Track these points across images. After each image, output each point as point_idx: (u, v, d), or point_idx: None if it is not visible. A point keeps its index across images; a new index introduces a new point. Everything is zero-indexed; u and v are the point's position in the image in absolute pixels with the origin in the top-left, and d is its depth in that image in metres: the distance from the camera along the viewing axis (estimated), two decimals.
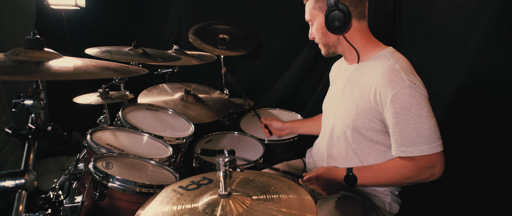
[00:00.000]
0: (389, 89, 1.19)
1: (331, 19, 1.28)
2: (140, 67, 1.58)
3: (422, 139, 1.17)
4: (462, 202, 1.87)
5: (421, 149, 1.18)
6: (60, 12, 2.59)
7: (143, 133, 1.77)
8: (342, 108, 1.38)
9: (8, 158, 2.54)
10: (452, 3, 1.80)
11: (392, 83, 1.19)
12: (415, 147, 1.18)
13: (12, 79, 1.10)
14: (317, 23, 1.36)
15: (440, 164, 1.20)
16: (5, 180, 0.82)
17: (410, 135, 1.18)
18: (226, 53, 2.57)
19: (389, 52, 1.30)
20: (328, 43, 1.39)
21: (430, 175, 1.21)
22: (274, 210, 0.88)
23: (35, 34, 0.98)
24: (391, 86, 1.19)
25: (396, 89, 1.18)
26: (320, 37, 1.39)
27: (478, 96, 1.71)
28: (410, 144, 1.19)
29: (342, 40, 1.35)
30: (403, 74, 1.20)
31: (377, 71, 1.25)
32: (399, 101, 1.18)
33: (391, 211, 1.40)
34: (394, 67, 1.22)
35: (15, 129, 0.92)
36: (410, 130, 1.18)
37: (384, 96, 1.20)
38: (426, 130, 1.17)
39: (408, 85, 1.17)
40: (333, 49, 1.40)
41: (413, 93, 1.17)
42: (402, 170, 1.23)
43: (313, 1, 1.35)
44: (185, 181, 1.08)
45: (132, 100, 2.13)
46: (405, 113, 1.18)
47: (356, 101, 1.31)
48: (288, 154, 2.12)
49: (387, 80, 1.20)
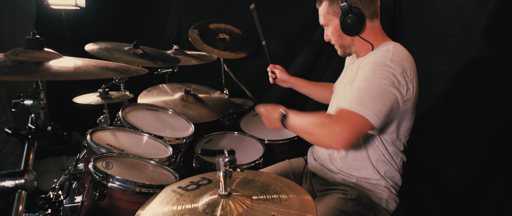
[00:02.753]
0: (369, 59, 1.26)
1: (346, 23, 1.31)
2: (140, 67, 1.59)
3: (355, 98, 1.14)
4: (462, 201, 1.87)
5: (349, 104, 1.13)
6: (60, 12, 2.60)
7: (143, 133, 1.77)
8: (342, 98, 1.42)
9: (8, 158, 2.54)
10: (452, 3, 1.80)
11: (374, 61, 1.23)
12: (346, 103, 1.15)
13: (12, 79, 1.10)
14: (332, 27, 1.39)
15: (351, 129, 1.09)
16: (5, 180, 0.82)
17: (353, 91, 1.19)
18: (225, 54, 2.56)
19: (392, 45, 1.31)
20: (344, 45, 1.42)
21: (330, 129, 1.10)
22: (274, 210, 0.88)
23: (35, 34, 0.98)
24: (372, 59, 1.25)
25: (373, 59, 1.23)
26: (336, 39, 1.42)
27: (478, 96, 1.71)
28: (347, 97, 1.18)
29: (356, 40, 1.39)
30: (389, 57, 1.21)
31: (370, 60, 1.27)
32: (368, 65, 1.22)
33: (387, 208, 1.40)
34: (387, 55, 1.23)
35: (15, 129, 0.92)
36: (355, 89, 1.18)
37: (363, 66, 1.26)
38: (366, 92, 1.14)
39: (383, 62, 1.20)
40: (348, 50, 1.43)
41: (383, 64, 1.19)
42: (320, 115, 1.18)
43: (326, 6, 1.37)
44: (184, 181, 1.08)
45: (132, 100, 2.13)
46: (362, 71, 1.23)
47: (350, 86, 1.35)
48: (288, 154, 2.12)
49: (372, 60, 1.24)
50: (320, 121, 1.16)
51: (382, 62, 1.20)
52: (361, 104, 1.12)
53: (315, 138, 1.18)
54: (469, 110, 1.78)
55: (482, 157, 1.73)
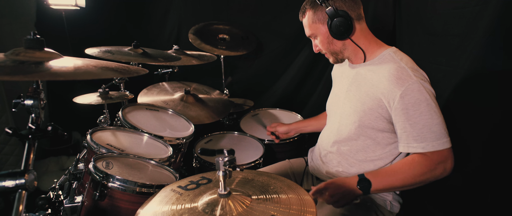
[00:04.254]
0: (397, 86, 1.21)
1: (335, 26, 1.28)
2: (140, 67, 1.59)
3: (433, 134, 1.19)
4: (462, 202, 1.87)
5: (433, 144, 1.19)
6: (60, 12, 2.59)
7: (143, 133, 1.77)
8: (348, 106, 1.39)
9: (8, 158, 2.55)
10: (452, 3, 1.80)
11: (400, 80, 1.21)
12: (427, 143, 1.20)
13: (12, 79, 1.10)
14: (321, 35, 1.36)
15: (451, 159, 1.22)
16: (5, 180, 0.82)
17: (421, 130, 1.19)
18: (225, 53, 2.57)
19: (393, 52, 1.32)
20: (335, 51, 1.39)
21: (443, 170, 1.22)
22: (273, 209, 0.88)
23: (35, 34, 0.98)
24: (399, 83, 1.21)
25: (405, 86, 1.20)
26: (326, 47, 1.39)
27: (478, 96, 1.71)
28: (421, 140, 1.20)
29: (347, 45, 1.36)
30: (410, 71, 1.22)
31: (384, 70, 1.27)
32: (408, 97, 1.19)
33: (392, 210, 1.40)
34: (400, 65, 1.25)
35: (15, 129, 0.92)
36: (421, 126, 1.19)
37: (392, 94, 1.22)
38: (436, 125, 1.19)
39: (416, 81, 1.20)
40: (341, 56, 1.40)
41: (421, 89, 1.19)
42: (417, 167, 1.22)
43: (311, 15, 1.35)
44: (183, 181, 1.08)
45: (132, 100, 2.13)
46: (415, 108, 1.19)
47: (363, 99, 1.32)
48: (289, 154, 2.12)
49: (395, 77, 1.22)
50: (420, 171, 1.22)
51: (422, 84, 1.20)
52: (439, 138, 1.19)
53: (421, 185, 1.26)
54: (469, 110, 1.78)
55: (481, 157, 1.73)
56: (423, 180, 1.23)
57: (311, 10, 1.34)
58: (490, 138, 1.68)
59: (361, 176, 1.26)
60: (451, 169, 1.23)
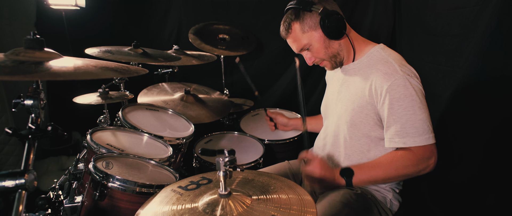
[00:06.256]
0: (384, 81, 1.22)
1: (332, 24, 1.27)
2: (140, 67, 1.59)
3: (415, 130, 1.20)
4: (462, 201, 1.87)
5: (414, 140, 1.21)
6: (60, 12, 2.59)
7: (143, 133, 1.77)
8: (340, 106, 1.41)
9: (8, 158, 2.55)
10: (452, 3, 1.80)
11: (387, 75, 1.23)
12: (409, 138, 1.21)
13: (12, 79, 1.10)
14: (315, 41, 1.33)
15: (435, 156, 1.24)
16: (5, 180, 0.82)
17: (404, 125, 1.21)
18: (225, 53, 2.57)
19: (381, 48, 1.34)
20: (333, 53, 1.36)
21: (426, 166, 1.24)
22: (274, 210, 0.88)
23: (35, 34, 0.98)
24: (385, 78, 1.23)
25: (391, 81, 1.21)
26: (324, 52, 1.36)
27: (478, 96, 1.71)
28: (403, 135, 1.22)
29: (343, 45, 1.36)
30: (397, 66, 1.24)
31: (372, 66, 1.30)
32: (393, 91, 1.21)
33: (391, 208, 1.41)
34: (388, 59, 1.27)
35: (15, 129, 0.92)
36: (404, 121, 1.21)
37: (380, 88, 1.24)
38: (419, 121, 1.20)
39: (402, 76, 1.21)
40: (339, 58, 1.38)
41: (406, 85, 1.20)
42: (400, 161, 1.24)
43: (299, 27, 1.31)
44: (184, 181, 1.08)
45: (132, 100, 2.13)
46: (399, 103, 1.21)
47: (352, 97, 1.34)
48: (288, 154, 2.12)
49: (382, 72, 1.24)
50: (403, 164, 1.23)
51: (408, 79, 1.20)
52: (422, 134, 1.20)
53: (404, 178, 1.29)
54: (469, 110, 1.78)
55: (482, 156, 1.74)
56: (405, 173, 1.25)
57: (298, 21, 1.31)
58: (491, 138, 1.68)
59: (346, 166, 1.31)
60: (435, 165, 1.24)
